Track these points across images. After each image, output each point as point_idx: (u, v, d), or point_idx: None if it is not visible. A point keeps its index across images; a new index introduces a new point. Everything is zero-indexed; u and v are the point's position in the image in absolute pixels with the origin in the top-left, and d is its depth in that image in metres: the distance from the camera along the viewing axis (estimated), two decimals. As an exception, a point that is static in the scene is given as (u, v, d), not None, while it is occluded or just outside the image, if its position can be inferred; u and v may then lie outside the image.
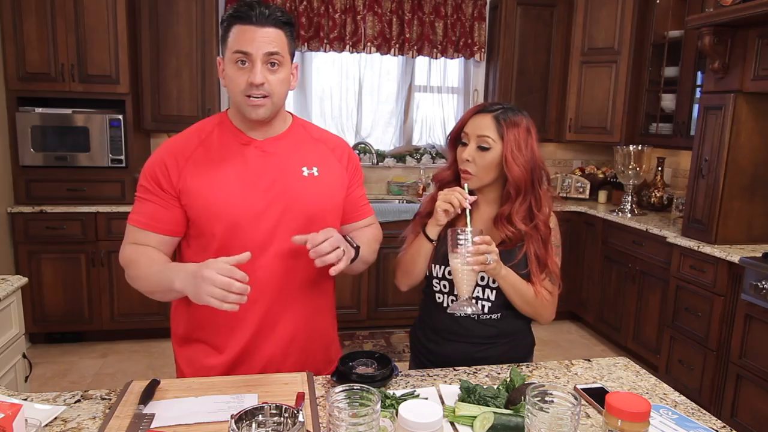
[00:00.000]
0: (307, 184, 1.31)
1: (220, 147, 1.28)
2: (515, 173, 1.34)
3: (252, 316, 1.29)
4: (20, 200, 3.38)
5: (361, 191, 1.47)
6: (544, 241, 1.39)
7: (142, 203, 1.28)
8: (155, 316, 3.53)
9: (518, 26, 4.11)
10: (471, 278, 1.26)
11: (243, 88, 1.21)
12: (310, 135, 1.39)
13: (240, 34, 1.19)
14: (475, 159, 1.37)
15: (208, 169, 1.26)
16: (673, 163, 4.08)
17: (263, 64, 1.20)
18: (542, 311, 1.43)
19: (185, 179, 1.25)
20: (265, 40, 1.19)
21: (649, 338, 3.36)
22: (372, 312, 3.88)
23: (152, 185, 1.27)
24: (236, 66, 1.21)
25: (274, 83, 1.22)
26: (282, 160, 1.31)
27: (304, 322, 1.36)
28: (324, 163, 1.36)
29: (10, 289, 1.96)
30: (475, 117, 1.39)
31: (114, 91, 3.43)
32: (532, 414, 0.90)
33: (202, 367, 1.32)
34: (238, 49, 1.19)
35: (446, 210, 1.33)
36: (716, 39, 2.69)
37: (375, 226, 1.50)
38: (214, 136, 1.30)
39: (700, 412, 1.17)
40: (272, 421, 0.87)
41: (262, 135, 1.31)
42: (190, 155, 1.27)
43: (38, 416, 0.97)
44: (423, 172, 4.40)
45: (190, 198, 1.25)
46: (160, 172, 1.26)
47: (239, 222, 1.24)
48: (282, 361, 1.34)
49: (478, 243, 1.24)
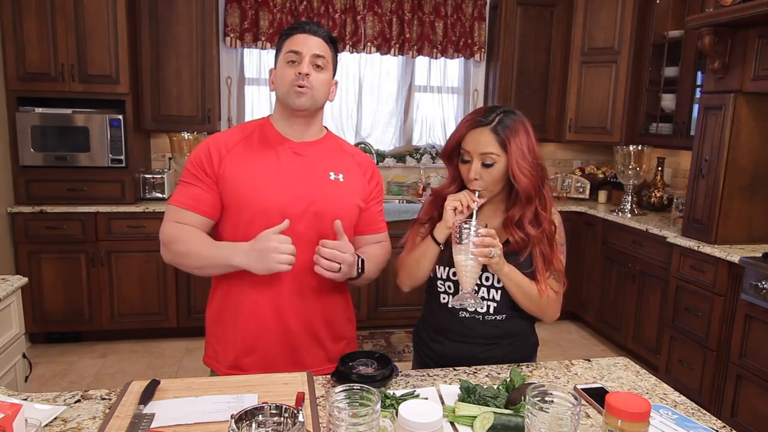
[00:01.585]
0: (332, 186, 1.42)
1: (260, 144, 1.42)
2: (524, 184, 1.34)
3: (268, 303, 1.39)
4: (20, 200, 3.38)
5: (379, 207, 1.57)
6: (550, 239, 1.40)
7: (186, 187, 1.40)
8: (155, 316, 3.53)
9: (518, 26, 4.11)
10: (474, 271, 1.26)
11: (291, 79, 1.35)
12: (341, 147, 1.52)
13: (293, 39, 1.38)
14: (482, 175, 1.36)
15: (244, 161, 1.39)
16: (673, 163, 4.08)
17: (310, 63, 1.36)
18: (547, 309, 1.42)
19: (224, 167, 1.38)
20: (314, 45, 1.37)
21: (649, 338, 3.36)
22: (372, 312, 3.88)
23: (197, 170, 1.39)
24: (287, 64, 1.37)
25: (317, 79, 1.37)
26: (311, 162, 1.43)
27: (318, 314, 1.44)
28: (350, 173, 1.47)
29: (10, 289, 1.96)
30: (473, 133, 1.36)
31: (114, 91, 3.43)
32: (532, 414, 0.90)
33: (228, 343, 1.43)
34: (291, 49, 1.36)
35: (455, 208, 1.33)
36: (716, 39, 2.69)
37: (386, 243, 1.58)
38: (255, 134, 1.44)
39: (700, 412, 1.17)
40: (272, 421, 0.87)
41: (298, 137, 1.44)
42: (232, 147, 1.40)
43: (38, 416, 0.97)
44: (423, 172, 4.40)
45: (226, 184, 1.37)
46: (206, 158, 1.39)
47: (265, 210, 1.35)
48: (293, 351, 1.42)
49: (483, 235, 1.24)
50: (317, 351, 1.46)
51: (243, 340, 1.41)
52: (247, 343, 1.41)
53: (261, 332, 1.40)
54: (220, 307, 1.46)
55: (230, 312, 1.43)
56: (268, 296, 1.38)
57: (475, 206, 1.32)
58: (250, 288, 1.38)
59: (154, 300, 3.51)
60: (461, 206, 1.33)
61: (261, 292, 1.38)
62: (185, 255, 1.36)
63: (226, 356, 1.44)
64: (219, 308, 1.46)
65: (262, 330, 1.40)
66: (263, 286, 1.37)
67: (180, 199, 1.40)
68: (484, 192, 1.37)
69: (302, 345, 1.43)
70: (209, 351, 1.50)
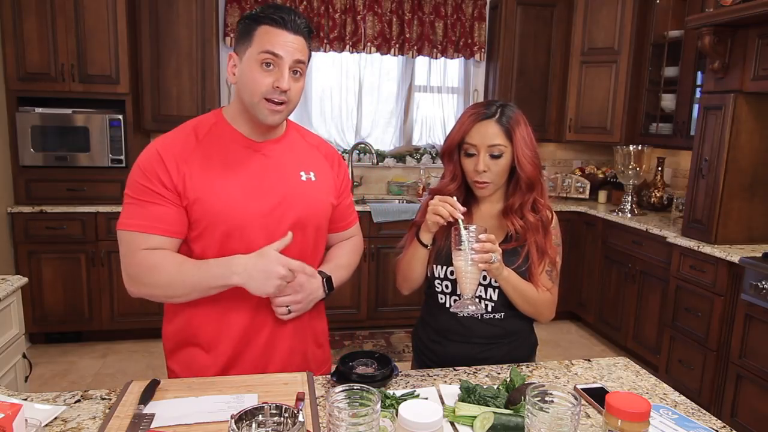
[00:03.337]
0: (305, 188, 1.32)
1: (219, 149, 1.26)
2: (528, 171, 1.37)
3: (245, 316, 1.29)
4: (20, 200, 3.38)
5: (349, 199, 1.49)
6: (545, 226, 1.41)
7: (141, 206, 1.20)
8: (155, 316, 3.52)
9: (518, 26, 4.11)
10: (474, 277, 1.26)
11: (265, 90, 1.18)
12: (305, 140, 1.41)
13: (271, 35, 1.18)
14: (490, 167, 1.37)
15: (208, 172, 1.23)
16: (673, 163, 4.08)
17: (290, 70, 1.19)
18: (543, 309, 1.43)
19: (184, 181, 1.20)
20: (296, 47, 1.19)
21: (649, 338, 3.36)
22: (372, 312, 3.88)
23: (155, 185, 1.20)
24: (261, 67, 1.18)
25: (294, 91, 1.22)
26: (281, 164, 1.31)
27: (296, 321, 1.34)
28: (319, 169, 1.37)
29: (10, 289, 1.96)
30: (479, 126, 1.37)
31: (114, 91, 3.43)
32: (532, 414, 0.90)
33: (199, 368, 1.31)
34: (269, 49, 1.17)
35: (436, 222, 1.31)
36: (716, 39, 2.69)
37: (357, 237, 1.53)
38: (212, 136, 1.27)
39: (700, 412, 1.17)
40: (272, 421, 0.87)
41: (261, 137, 1.30)
42: (189, 157, 1.22)
43: (38, 416, 0.97)
44: (423, 172, 4.40)
45: (192, 203, 1.21)
46: (161, 171, 1.20)
47: (241, 225, 1.23)
48: (270, 359, 1.33)
49: (483, 241, 1.24)
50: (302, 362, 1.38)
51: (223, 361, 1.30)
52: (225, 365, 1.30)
53: (242, 350, 1.30)
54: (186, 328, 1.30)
55: (203, 333, 1.29)
56: (246, 314, 1.28)
57: (459, 215, 1.27)
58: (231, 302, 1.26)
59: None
60: (443, 220, 1.29)
61: (238, 310, 1.27)
62: (167, 285, 1.19)
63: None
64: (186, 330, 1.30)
65: (243, 348, 1.30)
66: (246, 297, 1.22)
67: (140, 222, 1.19)
68: (490, 185, 1.39)
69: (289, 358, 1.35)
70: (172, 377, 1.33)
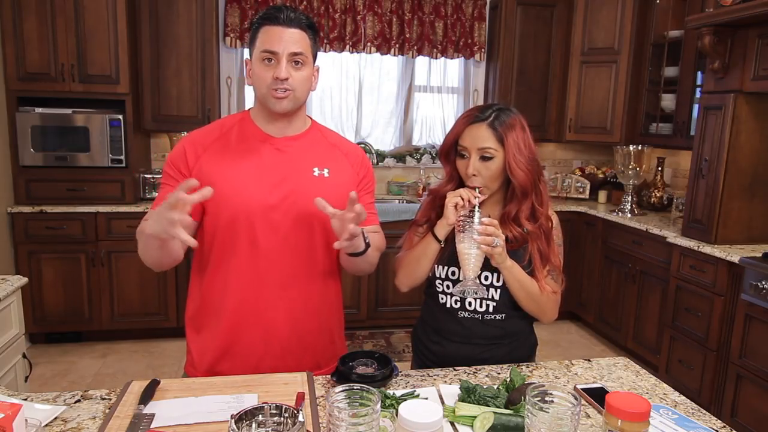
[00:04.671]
0: (316, 183, 1.35)
1: (237, 141, 1.36)
2: (520, 178, 1.35)
3: (251, 306, 1.34)
4: (20, 200, 3.38)
5: (369, 198, 1.49)
6: (546, 235, 1.40)
7: (164, 189, 1.35)
8: (155, 316, 3.53)
9: (518, 26, 4.11)
10: (478, 260, 1.26)
11: (269, 82, 1.28)
12: (326, 139, 1.44)
13: (269, 34, 1.27)
14: (480, 171, 1.36)
15: (222, 160, 1.32)
16: (673, 163, 4.08)
17: (288, 62, 1.27)
18: (546, 308, 1.42)
19: (200, 166, 1.32)
20: (291, 40, 1.27)
21: (649, 338, 3.36)
22: (372, 312, 3.88)
23: (173, 170, 1.34)
24: (263, 64, 1.28)
25: (297, 79, 1.29)
26: (294, 159, 1.36)
27: (304, 315, 1.38)
28: (336, 166, 1.40)
29: (10, 289, 1.96)
30: (470, 128, 1.37)
31: (114, 91, 3.43)
32: (532, 414, 0.90)
33: (207, 350, 1.37)
34: (266, 48, 1.27)
35: (456, 204, 1.32)
36: (716, 39, 2.69)
37: (379, 234, 1.52)
38: (234, 131, 1.37)
39: (700, 412, 1.17)
40: (272, 421, 0.87)
41: (280, 133, 1.37)
42: (209, 145, 1.34)
43: (38, 416, 0.97)
44: (423, 172, 4.40)
45: (203, 183, 1.24)
46: (179, 158, 1.33)
47: (245, 213, 1.30)
48: (279, 353, 1.36)
49: (486, 223, 1.24)
50: (304, 354, 1.40)
51: (222, 343, 1.35)
52: (225, 347, 1.35)
53: (243, 333, 1.34)
54: (198, 309, 1.39)
55: (209, 314, 1.37)
56: (251, 295, 1.33)
57: (477, 201, 1.31)
58: (232, 287, 1.33)
59: (154, 300, 3.51)
60: (462, 201, 1.32)
61: (244, 291, 1.33)
62: (142, 251, 1.31)
63: (202, 362, 1.38)
64: (197, 311, 1.40)
65: (243, 331, 1.34)
66: (246, 284, 1.32)
67: (158, 201, 1.31)
68: (483, 189, 1.37)
69: (289, 348, 1.37)
70: (188, 358, 1.44)
